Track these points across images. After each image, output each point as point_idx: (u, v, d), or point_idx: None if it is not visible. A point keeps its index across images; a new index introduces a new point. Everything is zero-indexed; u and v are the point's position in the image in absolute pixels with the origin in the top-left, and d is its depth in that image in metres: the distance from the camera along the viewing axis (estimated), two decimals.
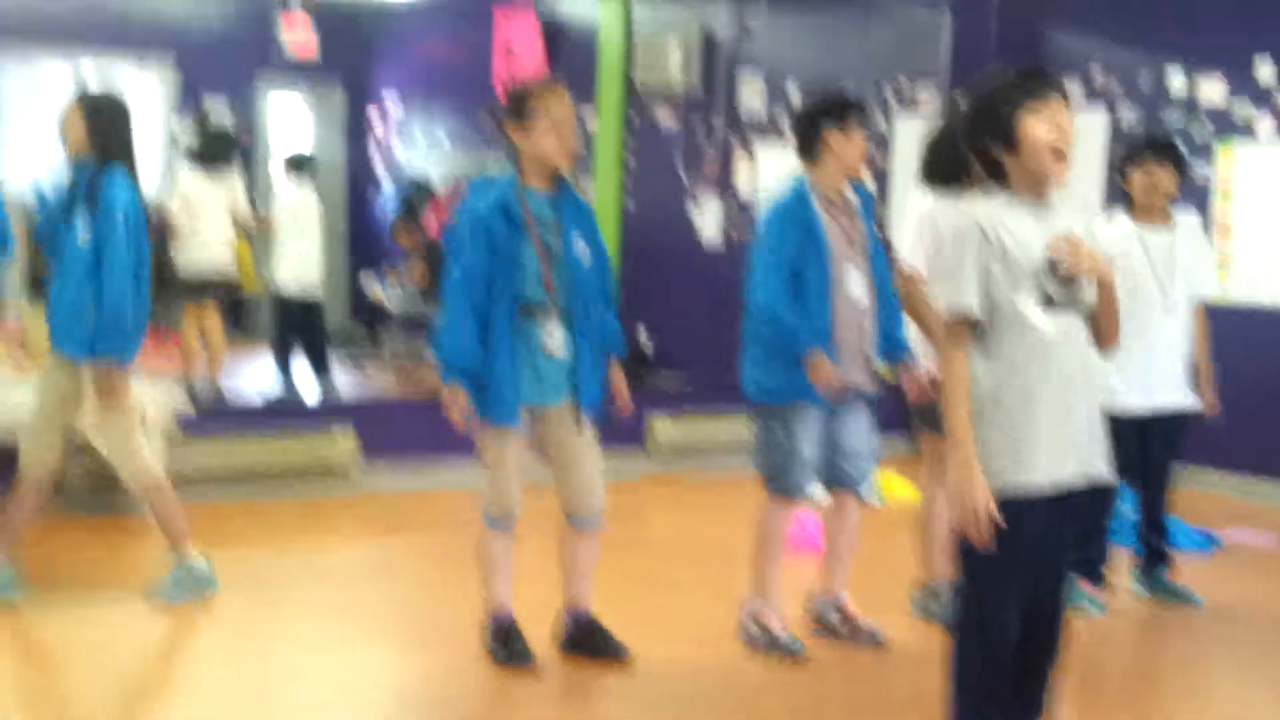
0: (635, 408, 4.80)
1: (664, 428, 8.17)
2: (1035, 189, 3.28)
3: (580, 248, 4.53)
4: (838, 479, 4.89)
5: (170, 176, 10.20)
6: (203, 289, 8.97)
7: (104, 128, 5.03)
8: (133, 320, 4.98)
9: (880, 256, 4.88)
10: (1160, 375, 5.45)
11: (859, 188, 4.92)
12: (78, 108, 5.06)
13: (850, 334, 4.74)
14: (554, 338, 4.46)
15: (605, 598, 4.85)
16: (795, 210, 4.72)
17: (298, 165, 9.67)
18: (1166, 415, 5.52)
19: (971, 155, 3.36)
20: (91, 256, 4.92)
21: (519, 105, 4.46)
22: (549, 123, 4.42)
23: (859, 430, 4.86)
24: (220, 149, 9.17)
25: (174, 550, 5.26)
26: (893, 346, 4.88)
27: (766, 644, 4.83)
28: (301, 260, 9.41)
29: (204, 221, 8.90)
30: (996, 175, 3.31)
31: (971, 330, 3.28)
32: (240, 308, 10.80)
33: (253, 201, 9.70)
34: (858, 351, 4.76)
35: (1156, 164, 5.45)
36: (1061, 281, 3.27)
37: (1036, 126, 3.21)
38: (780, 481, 4.78)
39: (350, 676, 4.65)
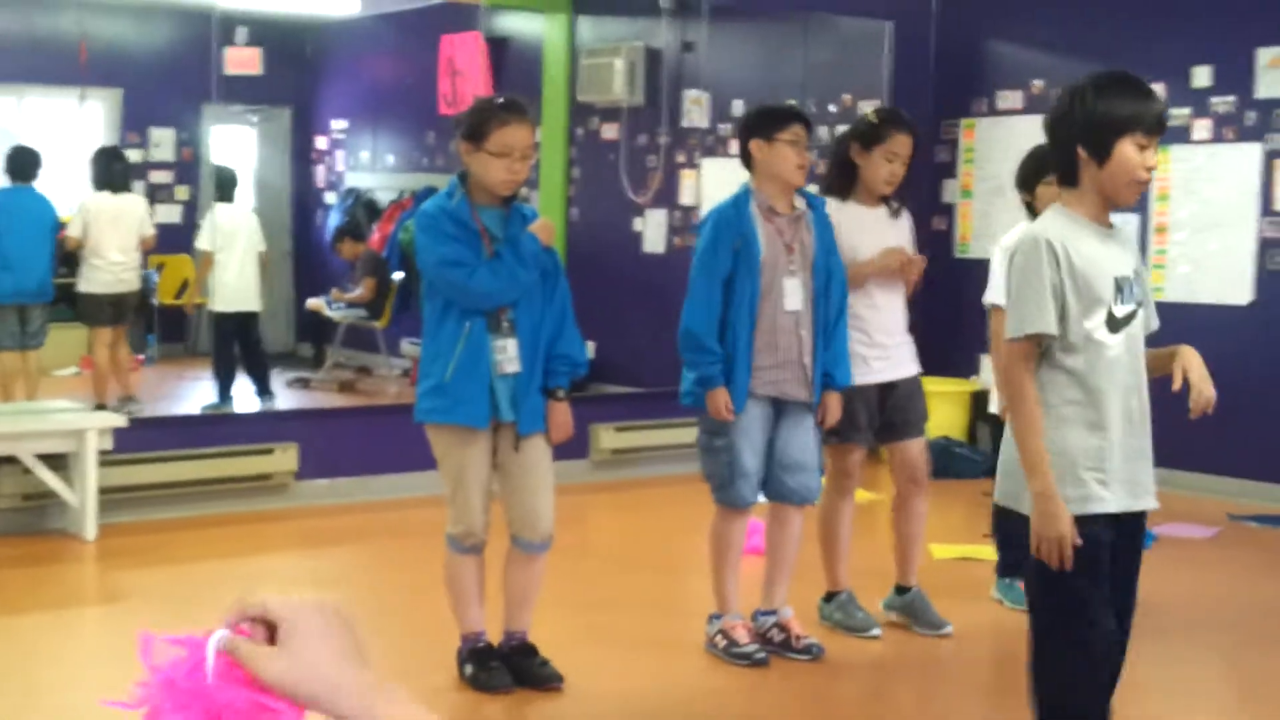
0: (578, 417, 4.62)
1: (608, 435, 8.16)
2: (1104, 207, 3.21)
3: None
4: (779, 492, 4.79)
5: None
6: (109, 308, 8.74)
7: None
8: None
9: (826, 268, 4.72)
10: None
11: (812, 197, 4.83)
12: None
13: (787, 343, 4.65)
14: (506, 353, 4.30)
15: (549, 607, 4.74)
16: (730, 217, 4.66)
17: (222, 184, 9.61)
18: None
19: (1053, 149, 3.27)
20: None
21: (474, 127, 4.25)
22: (500, 150, 4.21)
23: (800, 442, 4.75)
24: (109, 168, 8.88)
25: None
26: (829, 371, 4.74)
27: (732, 655, 4.77)
28: (231, 276, 9.25)
29: (106, 240, 8.64)
30: (1069, 179, 3.22)
31: (1038, 353, 3.18)
32: (184, 324, 10.41)
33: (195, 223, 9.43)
34: (795, 362, 4.66)
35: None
36: (1126, 304, 3.20)
37: (1133, 154, 3.13)
38: (726, 492, 4.71)
39: None
